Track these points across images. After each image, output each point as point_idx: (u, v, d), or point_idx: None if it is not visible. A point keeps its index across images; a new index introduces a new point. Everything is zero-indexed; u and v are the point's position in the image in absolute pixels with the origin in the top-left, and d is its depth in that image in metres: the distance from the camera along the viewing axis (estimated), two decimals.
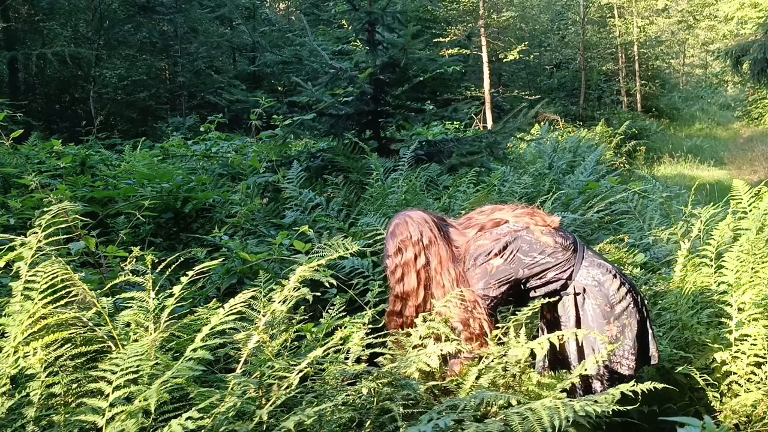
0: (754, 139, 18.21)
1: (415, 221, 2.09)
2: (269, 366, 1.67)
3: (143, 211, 3.18)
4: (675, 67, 29.86)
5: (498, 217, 2.11)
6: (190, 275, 1.86)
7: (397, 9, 5.39)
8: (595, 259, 2.07)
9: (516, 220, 2.08)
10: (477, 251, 2.03)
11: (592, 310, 2.01)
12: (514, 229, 2.04)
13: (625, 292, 2.02)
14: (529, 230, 2.04)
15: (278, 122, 5.76)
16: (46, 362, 1.60)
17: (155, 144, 7.06)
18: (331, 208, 4.15)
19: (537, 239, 2.02)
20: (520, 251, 2.00)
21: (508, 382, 1.83)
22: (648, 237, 3.99)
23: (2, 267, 1.81)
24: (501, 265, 2.00)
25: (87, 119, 10.05)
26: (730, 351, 2.27)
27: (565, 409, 1.34)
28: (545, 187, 5.26)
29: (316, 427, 1.55)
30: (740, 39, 16.99)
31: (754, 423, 2.15)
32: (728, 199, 3.54)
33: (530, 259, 2.00)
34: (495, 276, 2.00)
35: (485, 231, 2.07)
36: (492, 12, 18.15)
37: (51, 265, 1.73)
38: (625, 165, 13.11)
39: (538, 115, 12.13)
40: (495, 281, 2.00)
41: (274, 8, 21.34)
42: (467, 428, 1.38)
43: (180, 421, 1.32)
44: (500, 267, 2.00)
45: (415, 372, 1.72)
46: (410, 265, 2.05)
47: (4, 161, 4.26)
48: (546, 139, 9.79)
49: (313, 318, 2.33)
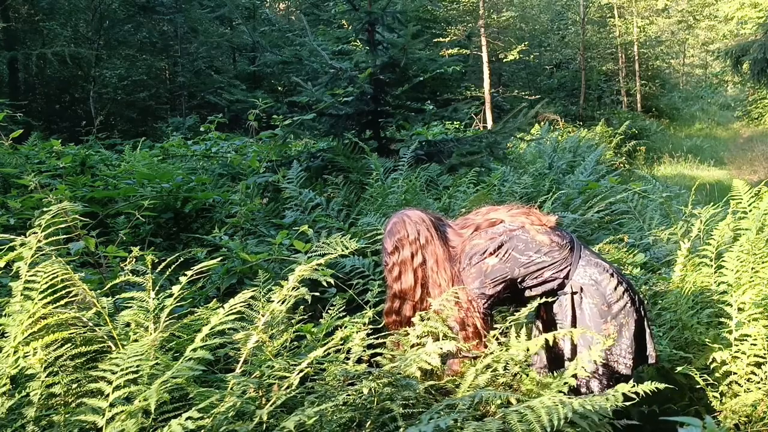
0: (754, 139, 18.21)
1: (413, 220, 2.10)
2: (269, 366, 1.67)
3: (143, 211, 3.18)
4: (675, 67, 29.86)
5: (493, 217, 2.11)
6: (190, 275, 1.86)
7: (397, 9, 5.40)
8: (592, 258, 2.07)
9: (511, 219, 2.09)
10: (472, 250, 2.04)
11: (589, 309, 2.01)
12: (510, 229, 2.05)
13: (623, 291, 2.02)
14: (524, 229, 2.04)
15: (278, 122, 5.76)
16: (46, 362, 1.60)
17: (155, 144, 7.06)
18: (331, 208, 4.15)
19: (533, 238, 2.02)
20: (516, 250, 2.00)
21: (507, 382, 1.83)
22: (648, 237, 3.99)
23: (2, 267, 1.81)
24: (496, 264, 2.00)
25: (87, 119, 10.05)
26: (730, 351, 2.26)
27: (563, 408, 1.34)
28: (545, 187, 5.26)
29: (317, 427, 1.55)
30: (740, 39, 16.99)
31: (754, 423, 2.15)
32: (728, 199, 3.54)
33: (526, 258, 2.00)
34: (490, 275, 2.00)
35: (481, 230, 2.08)
36: (492, 12, 18.15)
37: (51, 265, 1.73)
38: (625, 165, 13.10)
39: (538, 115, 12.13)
40: (490, 280, 2.00)
41: (274, 8, 21.34)
42: (466, 427, 1.38)
43: (180, 421, 1.32)
44: (495, 266, 2.00)
45: (416, 371, 1.72)
46: (407, 264, 2.06)
47: (4, 161, 4.26)
48: (546, 139, 9.78)
49: (313, 318, 2.33)
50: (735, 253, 2.63)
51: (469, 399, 1.51)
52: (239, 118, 11.54)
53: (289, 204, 4.23)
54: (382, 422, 1.63)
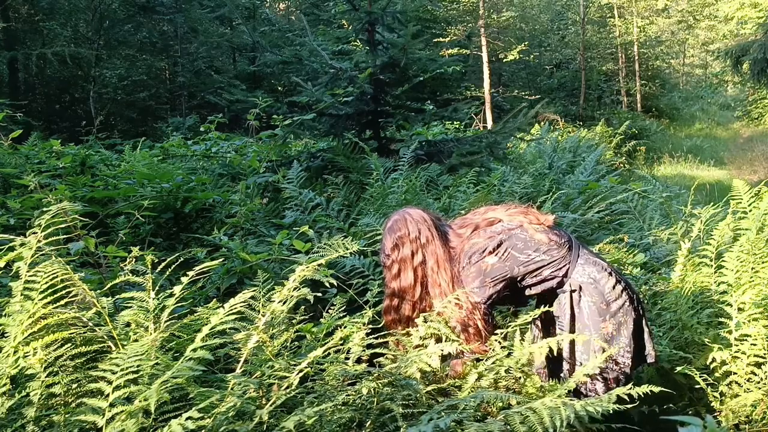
0: (754, 139, 18.20)
1: (414, 219, 2.10)
2: (269, 366, 1.67)
3: (143, 211, 3.18)
4: (675, 67, 29.85)
5: (492, 216, 2.11)
6: (190, 275, 1.86)
7: (397, 9, 5.40)
8: (590, 257, 2.07)
9: (510, 218, 2.09)
10: (471, 249, 2.04)
11: (587, 307, 2.02)
12: (508, 228, 2.05)
13: (621, 290, 2.02)
14: (523, 228, 2.05)
15: (278, 122, 5.76)
16: (46, 362, 1.60)
17: (155, 144, 7.05)
18: (331, 208, 4.15)
19: (531, 237, 2.02)
20: (515, 249, 2.01)
21: (508, 384, 1.84)
22: (648, 237, 3.99)
23: (2, 267, 1.81)
24: (496, 263, 2.00)
25: (87, 119, 10.04)
26: (730, 351, 2.26)
27: (565, 409, 1.34)
28: (545, 187, 5.26)
29: (317, 427, 1.55)
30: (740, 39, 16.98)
31: (754, 423, 2.15)
32: (728, 199, 3.54)
33: (525, 256, 2.00)
34: (490, 274, 2.00)
35: (479, 230, 2.08)
36: (492, 12, 18.14)
37: (51, 265, 1.73)
38: (625, 165, 13.10)
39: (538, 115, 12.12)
40: (490, 279, 2.00)
41: (274, 8, 21.34)
42: (468, 428, 1.38)
43: (180, 421, 1.32)
44: (495, 265, 2.00)
45: (416, 372, 1.72)
46: (407, 262, 2.06)
47: (4, 161, 4.26)
48: (546, 139, 9.78)
49: (313, 318, 2.33)
50: (735, 253, 2.63)
51: (471, 399, 1.51)
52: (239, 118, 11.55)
53: (289, 204, 4.23)
54: (382, 422, 1.63)
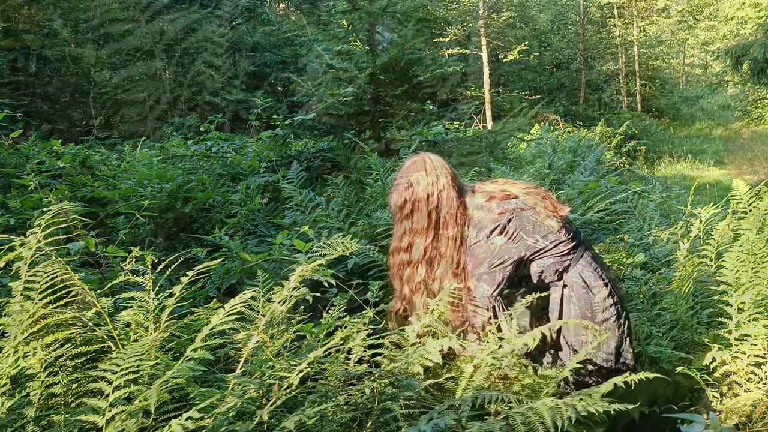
0: (754, 139, 18.20)
1: (434, 163, 2.04)
2: (270, 366, 1.66)
3: (143, 211, 3.18)
4: (675, 67, 29.83)
5: (509, 190, 2.06)
6: (190, 275, 1.86)
7: (397, 9, 5.40)
8: (592, 262, 2.06)
9: (525, 198, 2.04)
10: (481, 223, 1.99)
11: (574, 310, 2.01)
12: (521, 207, 2.00)
13: (611, 304, 2.00)
14: (535, 211, 2.00)
15: (278, 122, 5.76)
16: (46, 362, 1.60)
17: (155, 144, 7.05)
18: (331, 208, 4.15)
19: (542, 222, 1.99)
20: (524, 230, 1.97)
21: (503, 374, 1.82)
22: (648, 237, 3.99)
23: (2, 267, 1.80)
24: (504, 243, 1.97)
25: (87, 119, 10.03)
26: (730, 351, 2.26)
27: (567, 410, 1.34)
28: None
29: (317, 427, 1.55)
30: (740, 39, 16.97)
31: (754, 423, 2.15)
32: (728, 199, 3.54)
33: (533, 240, 1.97)
34: (498, 255, 1.97)
35: (493, 201, 2.02)
36: (492, 12, 18.14)
37: (51, 265, 1.73)
38: (625, 165, 13.08)
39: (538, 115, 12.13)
40: (498, 261, 1.97)
41: (274, 8, 21.32)
42: (469, 427, 1.38)
43: (180, 421, 1.32)
44: (503, 246, 1.97)
45: (419, 369, 1.72)
46: (421, 203, 2.00)
47: (4, 161, 4.26)
48: (546, 139, 9.78)
49: (313, 318, 2.33)
50: (735, 253, 2.63)
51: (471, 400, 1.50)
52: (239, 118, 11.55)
53: (289, 204, 4.23)
54: (382, 422, 1.62)
